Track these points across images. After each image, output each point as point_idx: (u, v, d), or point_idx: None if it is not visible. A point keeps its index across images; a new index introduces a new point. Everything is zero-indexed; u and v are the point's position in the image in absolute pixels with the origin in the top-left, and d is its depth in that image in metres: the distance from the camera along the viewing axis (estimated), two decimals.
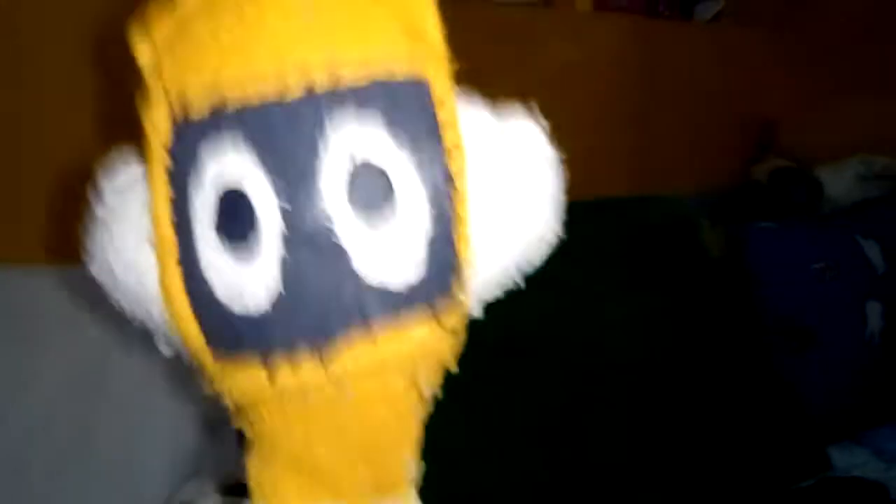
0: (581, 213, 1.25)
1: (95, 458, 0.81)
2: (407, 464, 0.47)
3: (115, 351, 0.85)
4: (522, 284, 0.52)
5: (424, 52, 0.45)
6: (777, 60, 1.66)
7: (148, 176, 0.42)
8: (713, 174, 1.55)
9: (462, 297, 0.45)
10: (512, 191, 0.48)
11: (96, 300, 0.88)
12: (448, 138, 0.44)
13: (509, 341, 1.15)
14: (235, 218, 0.39)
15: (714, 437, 1.25)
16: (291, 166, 0.39)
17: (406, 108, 0.42)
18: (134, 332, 0.92)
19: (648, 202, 1.36)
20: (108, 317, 0.88)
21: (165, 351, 0.46)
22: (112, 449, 0.81)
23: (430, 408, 0.46)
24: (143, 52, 0.42)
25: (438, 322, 0.44)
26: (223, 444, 0.93)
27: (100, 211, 0.46)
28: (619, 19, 1.43)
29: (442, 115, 0.44)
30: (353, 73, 0.41)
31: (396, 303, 0.42)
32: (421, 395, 0.45)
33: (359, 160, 0.40)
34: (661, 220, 1.34)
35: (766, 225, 1.41)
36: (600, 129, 1.41)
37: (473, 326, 1.19)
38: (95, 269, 0.46)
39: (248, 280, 0.39)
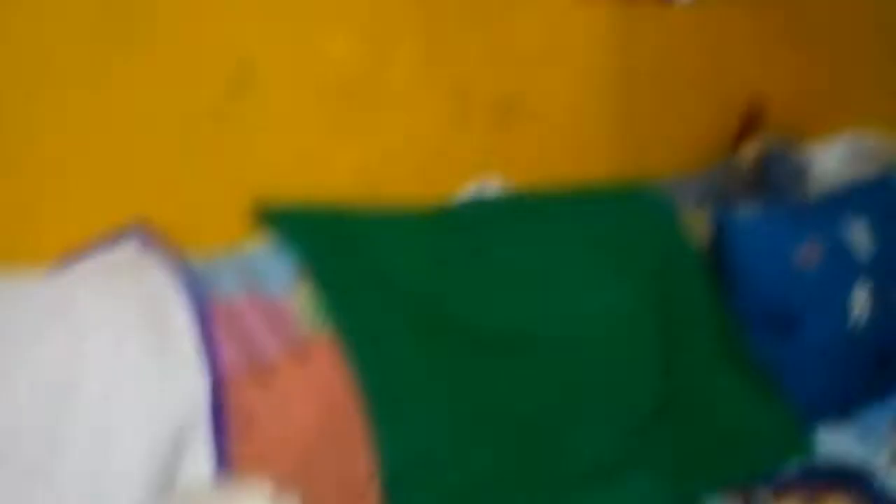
0: (559, 206, 1.26)
1: (64, 473, 0.83)
2: None
3: (84, 359, 0.88)
4: None
5: None
6: (761, 37, 1.64)
7: None
8: (698, 154, 1.54)
9: None
10: None
11: (60, 308, 0.87)
12: None
13: (487, 335, 1.16)
14: None
15: (698, 424, 1.26)
16: None
17: None
18: (101, 340, 0.90)
19: (627, 194, 1.36)
20: (73, 327, 0.87)
21: None
22: (82, 462, 0.83)
23: None
24: None
25: None
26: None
27: None
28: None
29: None
30: None
31: None
32: None
33: None
34: (640, 212, 1.34)
35: (750, 211, 1.39)
36: (581, 111, 1.40)
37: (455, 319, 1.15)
38: None
39: None
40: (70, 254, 0.98)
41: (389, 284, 1.14)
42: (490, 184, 1.33)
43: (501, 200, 1.30)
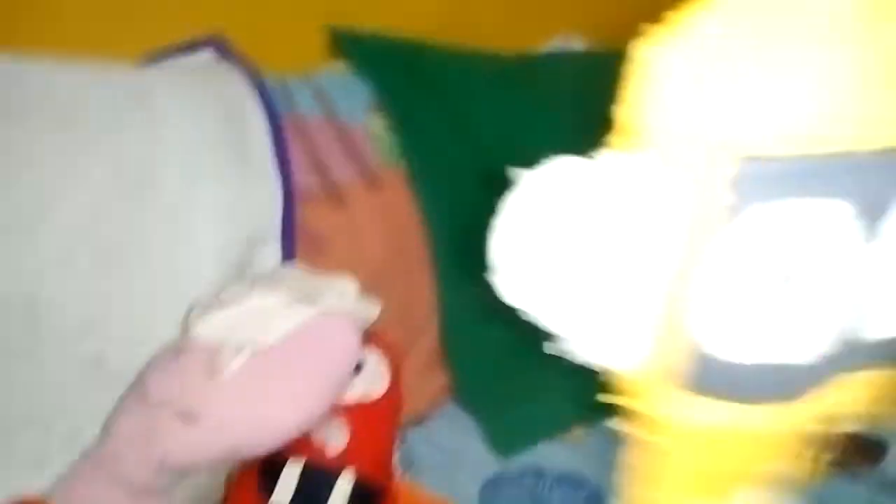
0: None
1: (142, 257, 0.81)
2: None
3: (163, 150, 0.85)
4: None
5: None
6: None
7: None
8: None
9: None
10: None
11: (141, 98, 0.85)
12: None
13: None
14: None
15: None
16: None
17: None
18: (179, 135, 0.89)
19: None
20: (153, 118, 0.84)
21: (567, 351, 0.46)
22: (159, 249, 0.82)
23: None
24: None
25: None
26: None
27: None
28: None
29: None
30: None
31: None
32: None
33: None
34: None
35: None
36: None
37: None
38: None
39: None
40: (145, 58, 0.96)
41: (464, 127, 1.11)
42: (573, 44, 1.27)
43: (588, 55, 1.24)
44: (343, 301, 0.68)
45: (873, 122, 0.39)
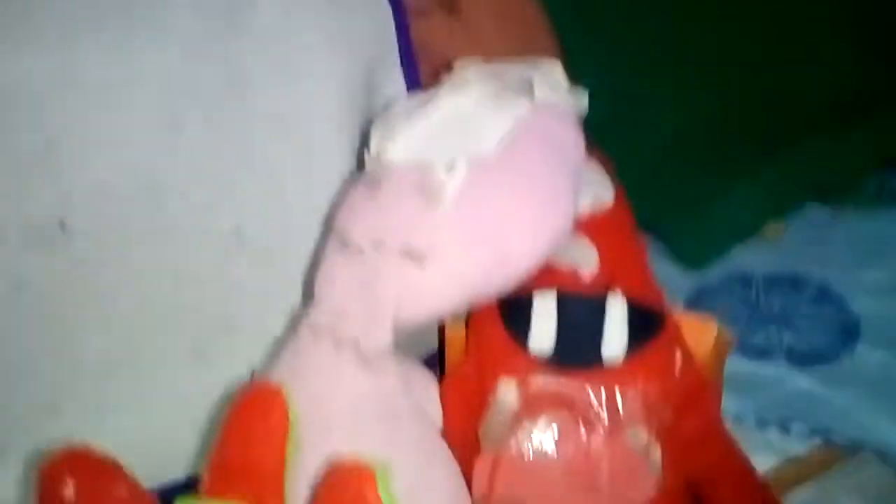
0: None
1: (252, 102, 0.68)
2: None
3: None
4: None
5: None
6: None
7: None
8: None
9: None
10: None
11: None
12: None
13: None
14: None
15: None
16: None
17: None
18: None
19: None
20: None
21: None
22: (267, 89, 0.68)
23: None
24: None
25: None
26: None
27: None
28: None
29: None
30: None
31: None
32: None
33: None
34: None
35: None
36: None
37: None
38: None
39: None
40: None
41: None
42: None
43: None
44: (556, 89, 0.53)
45: None
